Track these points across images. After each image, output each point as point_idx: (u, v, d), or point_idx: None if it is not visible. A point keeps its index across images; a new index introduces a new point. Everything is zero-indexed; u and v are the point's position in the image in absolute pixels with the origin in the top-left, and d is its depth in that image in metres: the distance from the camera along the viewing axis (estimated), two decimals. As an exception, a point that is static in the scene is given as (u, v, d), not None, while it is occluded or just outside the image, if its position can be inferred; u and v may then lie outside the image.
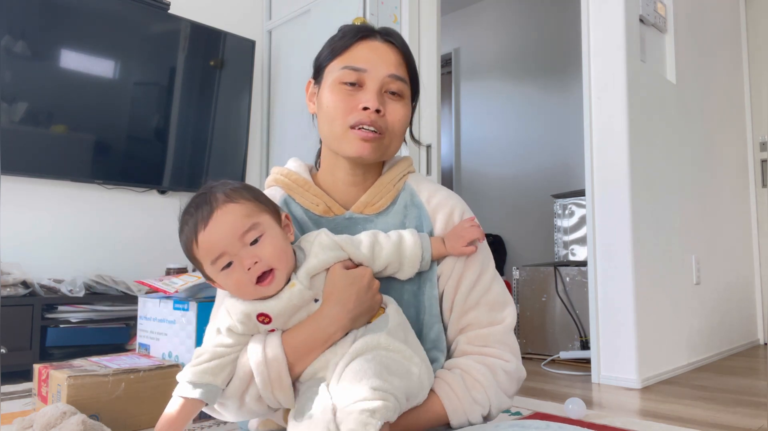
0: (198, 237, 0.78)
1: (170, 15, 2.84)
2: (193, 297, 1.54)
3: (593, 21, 2.17)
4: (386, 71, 0.90)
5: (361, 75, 0.89)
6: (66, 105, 2.49)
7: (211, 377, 0.79)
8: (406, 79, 0.93)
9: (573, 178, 3.52)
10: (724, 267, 2.74)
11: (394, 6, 2.81)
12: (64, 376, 1.36)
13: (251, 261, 0.77)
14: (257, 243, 0.78)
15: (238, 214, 0.78)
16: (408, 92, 0.94)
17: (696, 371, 2.27)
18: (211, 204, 0.79)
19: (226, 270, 0.78)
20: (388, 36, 0.93)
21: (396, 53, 0.92)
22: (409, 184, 0.98)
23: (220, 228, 0.77)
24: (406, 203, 0.95)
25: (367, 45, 0.92)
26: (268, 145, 3.34)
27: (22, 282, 2.19)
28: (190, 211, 0.80)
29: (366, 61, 0.90)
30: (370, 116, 0.88)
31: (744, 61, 3.21)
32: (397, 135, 0.92)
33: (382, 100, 0.89)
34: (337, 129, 0.90)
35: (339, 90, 0.90)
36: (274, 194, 0.97)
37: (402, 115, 0.91)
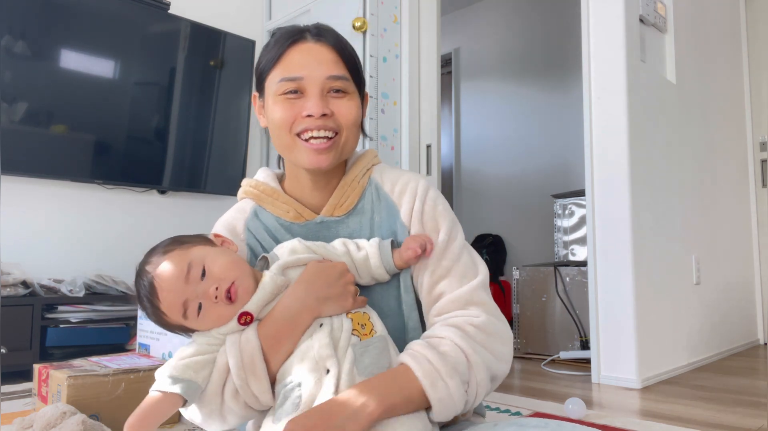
0: (160, 307, 0.79)
1: (170, 15, 2.84)
2: (193, 297, 1.54)
3: (593, 21, 2.17)
4: (324, 73, 0.88)
5: (299, 83, 0.87)
6: (66, 105, 2.49)
7: (193, 373, 0.77)
8: (347, 76, 0.90)
9: (573, 178, 3.52)
10: (724, 267, 2.74)
11: (394, 6, 2.81)
12: (64, 376, 1.36)
13: (213, 289, 0.77)
14: (206, 274, 0.79)
15: (171, 266, 0.79)
16: (352, 87, 0.91)
17: (696, 371, 2.27)
18: (148, 277, 0.80)
19: (201, 313, 0.79)
20: (319, 35, 0.91)
21: (331, 51, 0.90)
22: (373, 177, 0.96)
23: (166, 286, 0.78)
24: (372, 198, 0.94)
25: (300, 49, 0.89)
26: (268, 145, 3.34)
27: (22, 282, 2.19)
28: (141, 298, 0.82)
29: (301, 68, 0.88)
30: (316, 122, 0.87)
31: (744, 61, 3.21)
32: (351, 130, 0.91)
33: (326, 102, 0.88)
34: (285, 140, 0.89)
35: (281, 101, 0.88)
36: (244, 206, 0.97)
37: (349, 110, 0.90)
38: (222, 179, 3.04)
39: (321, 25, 0.93)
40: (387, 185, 0.95)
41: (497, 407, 1.68)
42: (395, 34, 2.81)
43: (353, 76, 0.92)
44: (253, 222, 0.95)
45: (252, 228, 0.94)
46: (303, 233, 0.92)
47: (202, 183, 2.97)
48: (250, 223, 0.94)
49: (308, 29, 0.92)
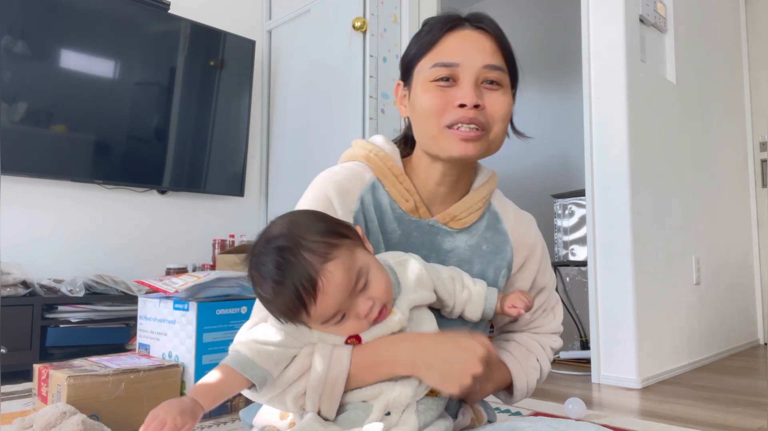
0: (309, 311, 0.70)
1: (170, 15, 2.84)
2: (193, 297, 1.54)
3: (593, 21, 2.17)
4: (481, 61, 0.82)
5: (453, 70, 0.82)
6: (66, 105, 2.49)
7: (273, 364, 0.72)
8: (504, 67, 0.85)
9: (573, 178, 3.52)
10: (724, 267, 2.74)
11: (394, 6, 2.81)
12: (64, 376, 1.36)
13: (367, 308, 0.72)
14: (366, 286, 0.72)
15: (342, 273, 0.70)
16: (507, 80, 0.86)
17: (696, 371, 2.27)
18: (308, 271, 0.69)
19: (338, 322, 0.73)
20: (479, 22, 0.86)
21: (490, 40, 0.85)
22: (493, 204, 0.94)
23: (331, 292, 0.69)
24: (488, 225, 0.92)
25: (457, 36, 0.84)
26: (268, 145, 3.34)
27: (22, 282, 2.19)
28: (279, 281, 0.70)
29: (457, 54, 0.82)
30: (468, 113, 0.81)
31: (744, 61, 3.21)
32: (500, 127, 0.85)
33: (479, 92, 0.82)
34: (432, 130, 0.83)
35: (431, 89, 0.83)
36: (362, 173, 0.88)
37: (502, 105, 0.84)
38: (222, 179, 3.04)
39: (480, 12, 0.88)
40: (509, 222, 0.94)
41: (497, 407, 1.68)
42: (395, 34, 2.81)
43: (510, 68, 0.87)
44: (368, 196, 0.86)
45: (365, 201, 0.86)
46: (411, 229, 0.87)
47: (202, 183, 2.97)
48: (365, 195, 0.86)
49: (467, 16, 0.87)
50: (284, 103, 3.26)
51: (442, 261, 0.88)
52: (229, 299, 1.60)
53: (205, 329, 1.54)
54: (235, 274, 1.64)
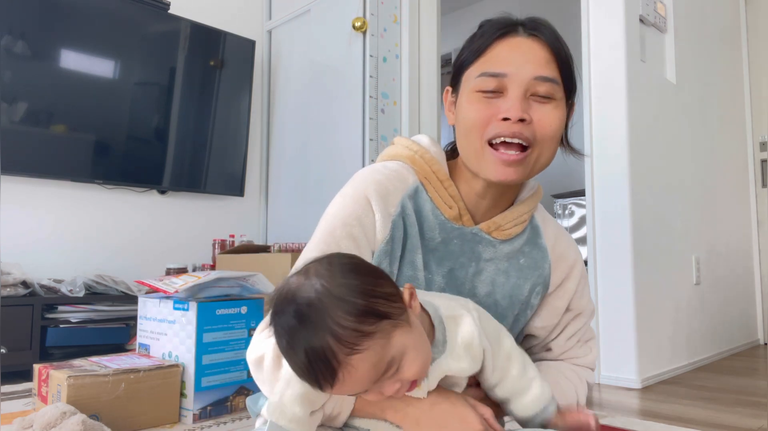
0: (327, 383, 0.63)
1: (170, 15, 2.84)
2: (193, 297, 1.54)
3: (593, 21, 2.17)
4: (531, 73, 0.76)
5: (501, 80, 0.77)
6: (66, 105, 2.49)
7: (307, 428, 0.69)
8: (557, 79, 0.78)
9: (573, 178, 3.51)
10: (724, 267, 2.74)
11: (394, 6, 2.81)
12: (64, 376, 1.36)
13: (393, 390, 0.65)
14: (398, 371, 0.64)
15: (369, 367, 0.62)
16: (561, 93, 0.79)
17: (696, 371, 2.27)
18: (330, 361, 0.60)
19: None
20: (534, 30, 0.80)
21: (544, 49, 0.78)
22: (535, 218, 0.91)
23: (351, 388, 0.63)
24: (528, 238, 0.89)
25: (509, 43, 0.79)
26: (268, 145, 3.34)
27: (22, 282, 2.19)
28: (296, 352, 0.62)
29: (507, 64, 0.77)
30: (512, 127, 0.75)
31: (744, 61, 3.21)
32: (548, 144, 0.79)
33: (527, 105, 0.76)
34: (474, 144, 0.78)
35: (476, 99, 0.78)
36: (406, 176, 0.83)
37: (551, 120, 0.78)
38: (222, 179, 3.04)
39: (538, 18, 0.82)
40: (549, 238, 0.90)
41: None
42: (395, 34, 2.81)
43: (565, 80, 0.80)
44: (409, 201, 0.82)
45: (406, 206, 0.81)
46: (453, 236, 0.83)
47: (202, 183, 2.97)
48: (407, 200, 0.82)
49: (522, 22, 0.81)
50: (284, 103, 3.26)
51: (480, 270, 0.85)
52: (229, 299, 1.60)
53: (205, 329, 1.54)
54: (235, 274, 1.64)
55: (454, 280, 0.84)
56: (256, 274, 1.68)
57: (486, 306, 0.80)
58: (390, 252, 0.80)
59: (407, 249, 0.81)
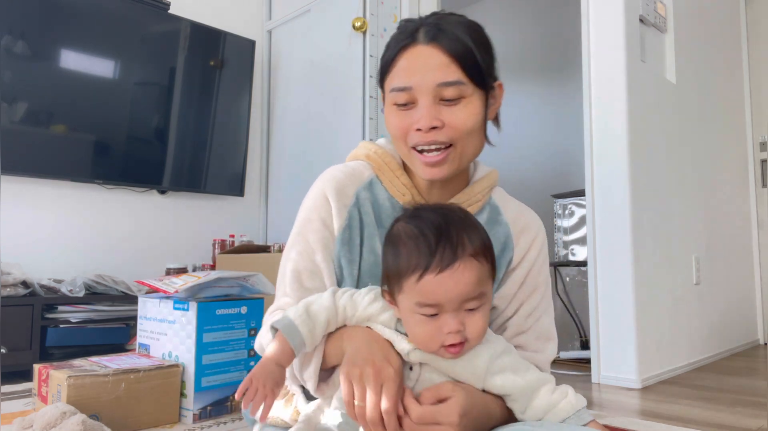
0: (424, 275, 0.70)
1: (170, 15, 2.84)
2: (193, 297, 1.54)
3: (593, 21, 2.17)
4: (433, 81, 0.81)
5: (409, 93, 0.82)
6: (66, 105, 2.49)
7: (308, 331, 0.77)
8: (461, 79, 0.82)
9: (573, 178, 3.52)
10: (724, 267, 2.74)
11: (394, 6, 2.81)
12: (64, 376, 1.36)
13: (455, 328, 0.70)
14: (472, 313, 0.72)
15: (474, 276, 0.71)
16: (470, 89, 0.82)
17: (696, 371, 2.27)
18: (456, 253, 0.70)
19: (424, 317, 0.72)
20: (433, 37, 0.83)
21: (442, 54, 0.82)
22: (493, 198, 0.94)
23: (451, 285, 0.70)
24: (489, 218, 0.92)
25: (410, 54, 0.83)
26: (268, 145, 3.34)
27: (22, 282, 2.19)
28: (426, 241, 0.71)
29: (410, 76, 0.82)
30: (426, 137, 0.82)
31: (744, 61, 3.21)
32: (467, 140, 0.84)
33: (437, 111, 0.81)
34: (402, 150, 0.87)
35: (394, 112, 0.85)
36: (361, 171, 0.91)
37: (464, 119, 0.82)
38: (222, 179, 3.05)
39: (441, 21, 0.84)
40: (509, 213, 0.93)
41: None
42: (395, 34, 2.81)
43: (472, 75, 0.83)
44: (364, 192, 0.90)
45: (361, 197, 0.89)
46: None
47: (202, 183, 2.97)
48: (362, 192, 0.89)
49: (423, 28, 0.84)
50: (284, 104, 3.26)
51: None
52: (229, 299, 1.60)
53: (205, 329, 1.54)
54: (235, 274, 1.64)
55: None
56: (256, 274, 1.68)
57: None
58: (348, 240, 0.87)
59: (366, 236, 0.88)
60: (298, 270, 0.87)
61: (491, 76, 0.87)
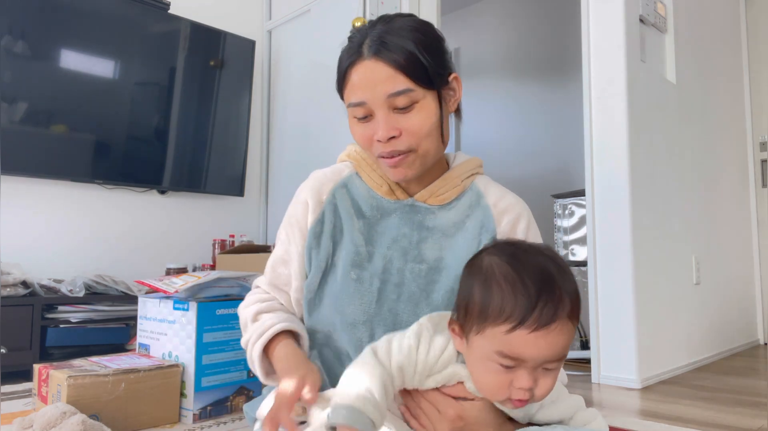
0: (517, 329, 0.67)
1: (170, 15, 2.84)
2: (193, 297, 1.54)
3: (593, 21, 2.17)
4: (383, 93, 0.84)
5: (365, 107, 0.87)
6: (66, 105, 2.49)
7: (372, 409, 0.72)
8: (409, 86, 0.84)
9: (573, 178, 3.52)
10: (724, 267, 2.74)
11: (394, 6, 2.81)
12: (64, 376, 1.36)
13: (528, 385, 0.68)
14: (547, 372, 0.70)
15: (566, 340, 0.69)
16: (420, 93, 0.85)
17: (696, 371, 2.27)
18: (556, 308, 0.67)
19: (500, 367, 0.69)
20: (376, 51, 0.85)
21: (386, 66, 0.84)
22: (476, 184, 0.97)
23: (543, 345, 0.67)
24: (471, 202, 0.94)
25: (357, 70, 0.86)
26: (268, 145, 3.34)
27: (22, 282, 2.19)
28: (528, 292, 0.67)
29: (362, 92, 0.86)
30: (386, 147, 0.87)
31: (744, 61, 3.21)
32: (426, 141, 0.87)
33: (394, 120, 0.86)
34: (372, 157, 0.93)
35: (355, 124, 0.91)
36: (341, 170, 0.97)
37: (419, 125, 0.86)
38: (222, 179, 3.04)
39: (384, 32, 0.86)
40: (491, 197, 0.95)
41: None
42: (395, 34, 2.81)
43: (419, 80, 0.85)
44: (341, 189, 0.95)
45: (338, 194, 0.95)
46: (391, 210, 0.93)
47: (202, 183, 2.97)
48: (338, 189, 0.95)
49: (368, 41, 0.86)
50: (284, 103, 3.26)
51: (425, 238, 0.91)
52: (229, 299, 1.60)
53: (205, 329, 1.54)
54: (235, 274, 1.64)
55: (400, 249, 0.91)
56: (256, 274, 1.68)
57: (439, 271, 0.89)
58: (318, 234, 0.92)
59: (344, 230, 0.92)
60: (276, 255, 0.98)
61: (441, 74, 0.88)
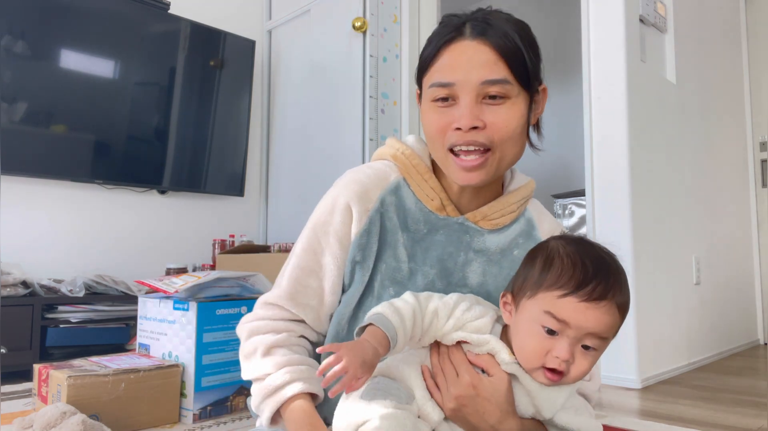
0: (570, 295, 0.69)
1: (170, 15, 2.84)
2: (193, 297, 1.54)
3: (593, 21, 2.17)
4: (478, 78, 0.77)
5: (451, 89, 0.78)
6: (66, 105, 2.49)
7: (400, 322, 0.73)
8: (508, 78, 0.78)
9: (573, 178, 3.52)
10: (724, 267, 2.74)
11: (394, 6, 2.81)
12: (64, 376, 1.36)
13: (566, 356, 0.69)
14: (586, 351, 0.71)
15: (611, 320, 0.70)
16: (516, 89, 0.79)
17: (696, 371, 2.27)
18: (608, 290, 0.70)
19: (544, 330, 0.70)
20: (480, 32, 0.79)
21: (490, 50, 0.78)
22: (529, 210, 0.91)
23: (589, 315, 0.69)
24: (522, 231, 0.88)
25: (455, 49, 0.79)
26: (268, 145, 3.34)
27: (22, 282, 2.19)
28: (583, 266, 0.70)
29: (453, 72, 0.78)
30: (465, 137, 0.78)
31: (744, 61, 3.21)
32: (508, 144, 0.80)
33: (479, 111, 0.78)
34: (438, 152, 0.83)
35: (432, 109, 0.81)
36: (387, 173, 0.87)
37: (506, 121, 0.78)
38: (222, 179, 3.04)
39: (488, 15, 0.81)
40: (544, 230, 0.89)
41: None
42: (395, 34, 2.81)
43: (519, 75, 0.79)
44: (390, 196, 0.85)
45: (386, 201, 0.85)
46: (439, 227, 0.85)
47: (202, 183, 2.97)
48: (387, 196, 0.85)
49: (470, 22, 0.80)
50: (284, 103, 3.26)
51: (471, 260, 0.86)
52: (229, 299, 1.60)
53: (205, 329, 1.54)
54: (235, 274, 1.64)
55: (444, 270, 0.85)
56: (256, 274, 1.68)
57: (480, 297, 0.82)
58: (365, 246, 0.83)
59: (388, 243, 0.84)
60: (300, 266, 0.85)
61: (537, 78, 0.83)
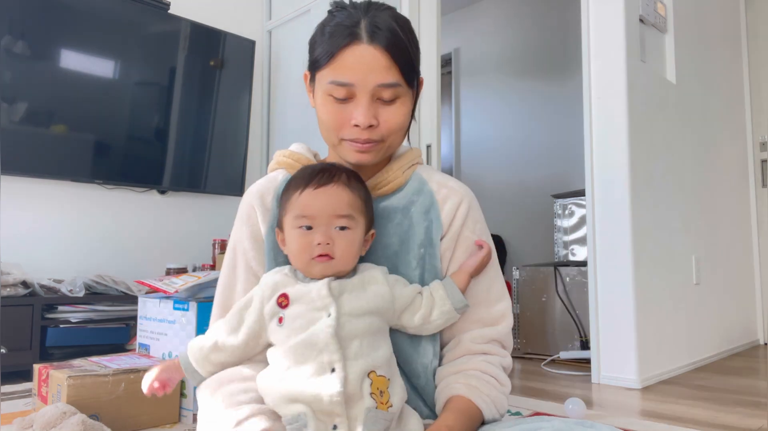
0: (303, 191, 0.83)
1: (170, 15, 2.84)
2: (193, 297, 1.54)
3: (593, 21, 2.17)
4: (374, 81, 0.85)
5: (349, 89, 0.85)
6: (66, 105, 2.49)
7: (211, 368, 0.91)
8: (399, 81, 0.86)
9: (573, 178, 3.52)
10: (724, 267, 2.74)
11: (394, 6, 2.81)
12: (64, 376, 1.36)
13: (324, 240, 0.81)
14: (340, 232, 0.82)
15: (345, 198, 0.83)
16: (404, 89, 0.88)
17: (696, 371, 2.27)
18: (333, 176, 0.84)
19: (301, 230, 0.82)
20: (374, 37, 0.85)
21: (384, 56, 0.85)
22: (418, 172, 0.97)
23: (324, 200, 0.82)
24: (414, 190, 0.95)
25: (353, 52, 0.85)
26: (268, 145, 3.34)
27: (22, 282, 2.19)
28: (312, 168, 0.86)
29: (353, 73, 0.84)
30: (362, 134, 0.86)
31: (744, 61, 3.21)
32: (396, 136, 0.90)
33: (374, 109, 0.86)
34: (332, 139, 0.90)
35: (329, 103, 0.87)
36: (275, 176, 0.95)
37: (398, 118, 0.88)
38: (222, 179, 3.04)
39: (377, 18, 0.87)
40: (434, 184, 0.96)
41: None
42: (395, 34, 2.81)
43: (407, 77, 0.88)
44: None
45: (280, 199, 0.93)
46: None
47: (202, 183, 2.97)
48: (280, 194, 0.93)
49: (364, 22, 0.86)
50: (284, 103, 3.26)
51: (376, 228, 0.92)
52: (229, 299, 1.60)
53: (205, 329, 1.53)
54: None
55: None
56: (256, 274, 1.68)
57: (387, 257, 0.91)
58: (274, 242, 0.90)
59: None
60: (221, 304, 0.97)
61: (418, 74, 0.93)
